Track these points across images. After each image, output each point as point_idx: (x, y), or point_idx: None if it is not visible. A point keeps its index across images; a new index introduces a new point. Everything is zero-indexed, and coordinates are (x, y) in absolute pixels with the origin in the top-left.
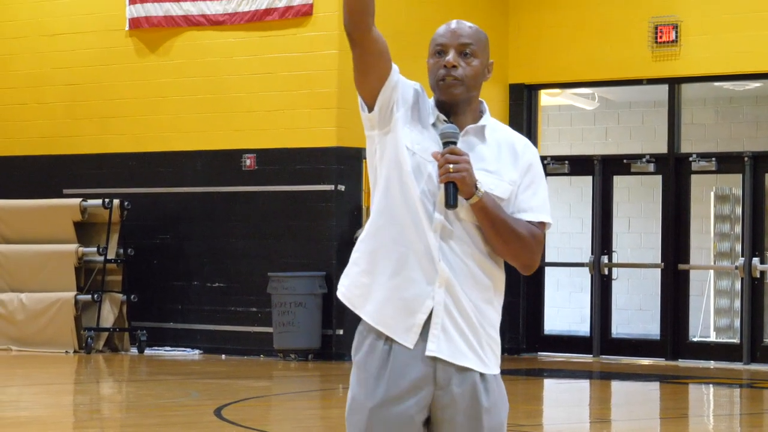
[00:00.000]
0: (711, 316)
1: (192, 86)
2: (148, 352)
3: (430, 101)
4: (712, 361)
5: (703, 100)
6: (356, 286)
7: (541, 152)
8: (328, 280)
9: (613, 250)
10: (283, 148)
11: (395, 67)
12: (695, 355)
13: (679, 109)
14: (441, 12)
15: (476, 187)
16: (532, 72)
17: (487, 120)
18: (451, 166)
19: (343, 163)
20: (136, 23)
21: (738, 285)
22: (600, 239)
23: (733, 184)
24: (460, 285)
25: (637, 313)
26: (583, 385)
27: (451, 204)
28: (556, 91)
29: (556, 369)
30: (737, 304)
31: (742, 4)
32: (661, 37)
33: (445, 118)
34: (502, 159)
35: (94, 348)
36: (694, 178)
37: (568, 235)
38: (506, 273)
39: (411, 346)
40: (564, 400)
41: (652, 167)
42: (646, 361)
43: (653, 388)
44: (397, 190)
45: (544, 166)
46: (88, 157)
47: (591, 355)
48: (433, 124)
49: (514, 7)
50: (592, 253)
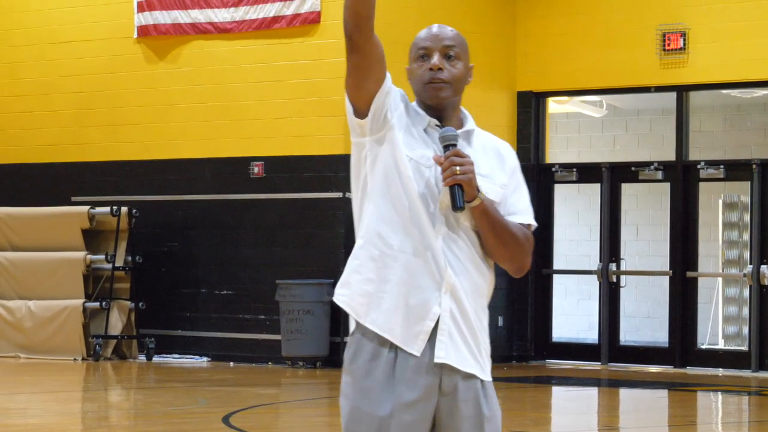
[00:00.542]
0: (719, 324)
1: (200, 94)
2: (156, 359)
3: (414, 106)
4: (721, 369)
5: (711, 108)
6: (360, 295)
7: (549, 160)
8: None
9: (621, 257)
10: (291, 156)
11: (388, 73)
12: (704, 363)
13: (687, 116)
14: (450, 20)
15: (478, 190)
16: (540, 79)
17: (473, 125)
18: (458, 168)
19: (350, 171)
20: (144, 31)
21: (746, 292)
22: (608, 247)
23: (742, 191)
24: (464, 290)
25: (645, 320)
26: (592, 392)
27: (460, 206)
28: (564, 98)
29: (564, 376)
30: (745, 311)
31: (750, 11)
32: (669, 45)
33: (437, 122)
34: (491, 163)
35: (102, 355)
36: (703, 185)
37: (576, 243)
38: (514, 280)
39: (418, 354)
40: (572, 408)
41: (660, 175)
42: (654, 369)
43: (662, 395)
44: (398, 196)
45: (552, 174)
46: (97, 165)
47: (599, 363)
48: (424, 130)
49: (522, 15)
50: (600, 261)
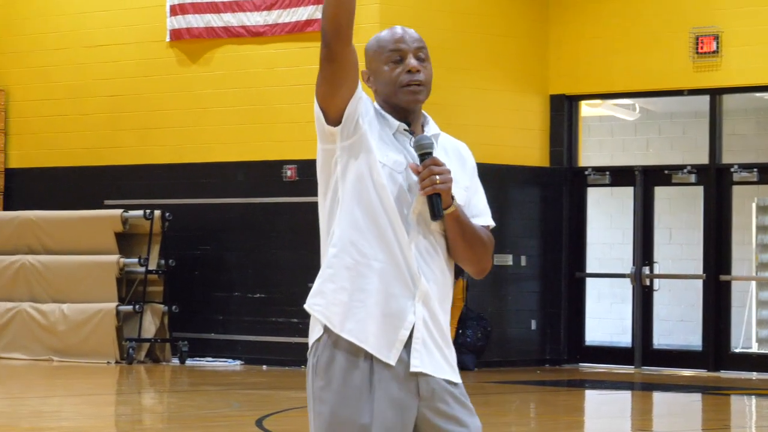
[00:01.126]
0: (753, 327)
1: (233, 97)
2: (189, 362)
3: (379, 109)
4: (755, 372)
5: (745, 111)
6: (334, 304)
7: (582, 163)
8: None
9: (655, 261)
10: None
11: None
12: (737, 366)
13: (720, 119)
14: (483, 24)
15: (452, 197)
16: (573, 83)
17: (437, 128)
18: (438, 178)
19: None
20: (176, 35)
21: None
22: (641, 250)
23: None
24: (435, 297)
25: (678, 324)
26: (625, 396)
27: (439, 215)
28: (597, 101)
29: (598, 380)
30: None
31: None
32: (702, 48)
33: (406, 127)
34: (453, 165)
35: (135, 359)
36: (736, 188)
37: (609, 246)
38: (548, 284)
39: (394, 363)
40: (605, 412)
41: (693, 178)
42: (687, 373)
43: (695, 399)
44: (371, 203)
45: (585, 177)
46: (130, 168)
47: (632, 366)
48: (393, 134)
49: (555, 19)
50: (634, 264)
